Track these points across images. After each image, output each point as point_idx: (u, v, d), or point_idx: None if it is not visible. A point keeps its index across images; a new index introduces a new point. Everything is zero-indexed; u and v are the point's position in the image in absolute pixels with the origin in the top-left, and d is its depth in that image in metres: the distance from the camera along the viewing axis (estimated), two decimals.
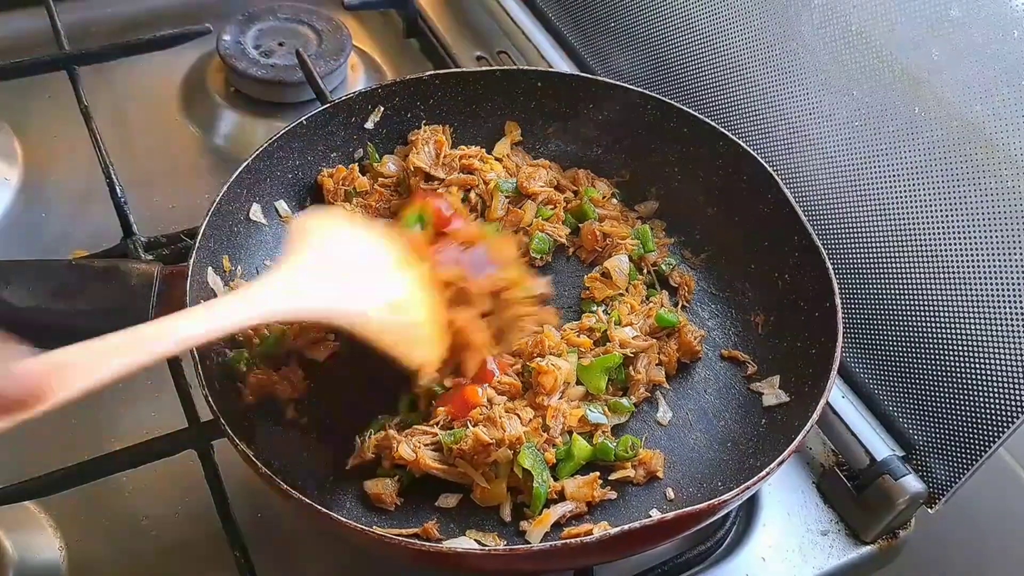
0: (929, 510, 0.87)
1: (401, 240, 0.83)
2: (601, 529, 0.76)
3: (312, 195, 0.99)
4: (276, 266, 0.75)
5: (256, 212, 0.94)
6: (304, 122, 0.96)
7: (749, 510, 0.89)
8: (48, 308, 0.79)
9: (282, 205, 0.96)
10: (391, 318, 0.76)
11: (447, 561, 0.72)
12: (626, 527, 0.68)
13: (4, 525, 0.80)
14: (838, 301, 0.83)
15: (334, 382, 0.87)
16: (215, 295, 0.85)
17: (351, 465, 0.81)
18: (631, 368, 0.88)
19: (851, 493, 0.88)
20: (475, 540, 0.77)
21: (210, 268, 0.86)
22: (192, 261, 0.81)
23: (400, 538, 0.69)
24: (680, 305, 0.95)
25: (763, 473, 0.71)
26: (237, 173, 0.90)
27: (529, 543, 0.76)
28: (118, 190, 0.99)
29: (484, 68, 1.15)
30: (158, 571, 0.81)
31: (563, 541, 0.73)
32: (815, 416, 0.75)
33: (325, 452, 0.83)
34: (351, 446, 0.82)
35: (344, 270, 0.76)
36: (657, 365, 0.90)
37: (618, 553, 0.77)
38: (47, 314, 0.79)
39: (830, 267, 0.85)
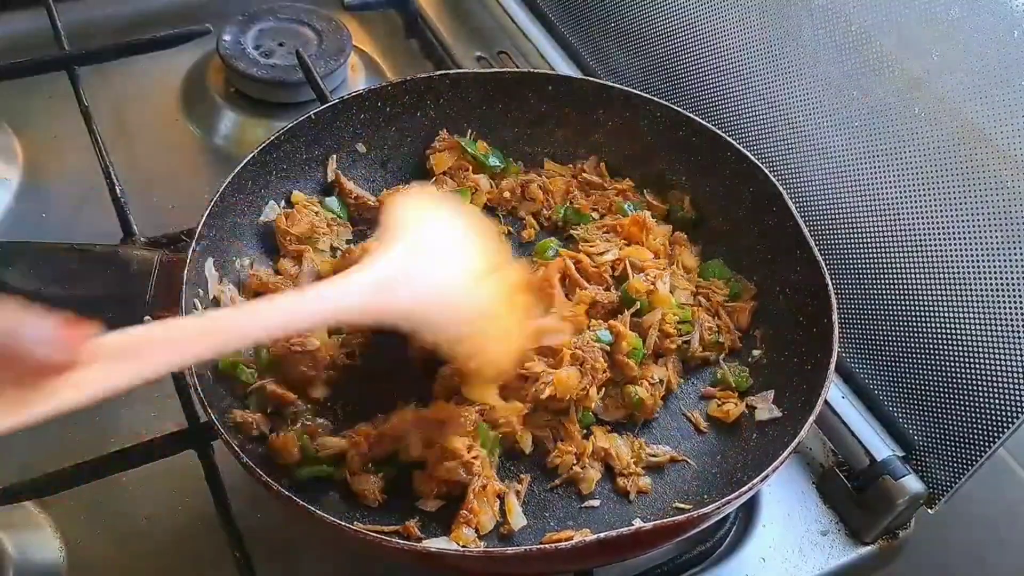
0: (929, 510, 0.87)
1: (495, 235, 0.82)
2: (581, 536, 0.76)
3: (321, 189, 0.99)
4: (371, 250, 0.73)
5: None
6: (312, 116, 0.96)
7: (749, 510, 0.89)
8: (48, 292, 0.78)
9: (283, 204, 0.96)
10: (470, 323, 0.73)
11: (424, 560, 0.72)
12: (603, 535, 0.68)
13: (4, 525, 0.80)
14: (835, 319, 0.82)
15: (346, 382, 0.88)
16: (207, 285, 0.84)
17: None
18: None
19: (851, 493, 0.88)
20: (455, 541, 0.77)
21: (211, 259, 0.85)
22: (193, 250, 0.81)
23: (378, 535, 0.69)
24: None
25: (744, 489, 0.71)
26: (242, 165, 0.90)
27: (506, 550, 0.75)
28: (118, 190, 0.99)
29: (494, 69, 1.13)
30: (158, 571, 0.81)
31: (539, 546, 0.73)
32: (803, 433, 0.75)
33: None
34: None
35: (436, 263, 0.73)
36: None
37: (597, 560, 0.77)
38: (47, 298, 0.78)
39: (830, 284, 0.84)
